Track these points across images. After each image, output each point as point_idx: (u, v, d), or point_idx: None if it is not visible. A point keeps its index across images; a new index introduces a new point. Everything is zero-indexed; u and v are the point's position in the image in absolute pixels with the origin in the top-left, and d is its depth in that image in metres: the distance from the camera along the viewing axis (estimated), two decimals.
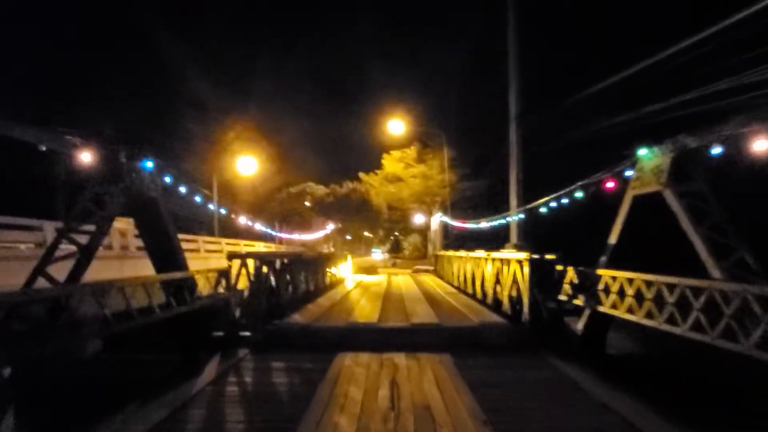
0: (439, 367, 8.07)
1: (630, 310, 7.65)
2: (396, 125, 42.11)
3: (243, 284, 11.16)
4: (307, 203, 45.06)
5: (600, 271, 8.63)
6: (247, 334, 9.90)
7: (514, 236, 20.69)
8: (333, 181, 45.82)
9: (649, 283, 7.22)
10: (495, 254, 13.25)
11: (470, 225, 25.94)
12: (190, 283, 8.52)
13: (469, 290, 17.40)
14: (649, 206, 8.02)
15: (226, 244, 20.76)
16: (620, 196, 8.91)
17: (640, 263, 7.71)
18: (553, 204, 13.58)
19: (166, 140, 43.69)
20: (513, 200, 19.81)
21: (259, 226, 29.11)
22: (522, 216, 18.91)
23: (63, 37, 39.84)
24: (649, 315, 7.30)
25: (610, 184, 9.57)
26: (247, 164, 43.95)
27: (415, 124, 42.04)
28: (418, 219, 43.81)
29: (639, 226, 8.22)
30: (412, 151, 44.60)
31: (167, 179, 9.14)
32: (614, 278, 8.06)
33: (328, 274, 21.02)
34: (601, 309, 8.18)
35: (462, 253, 19.52)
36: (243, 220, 26.43)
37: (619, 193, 9.07)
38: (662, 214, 7.70)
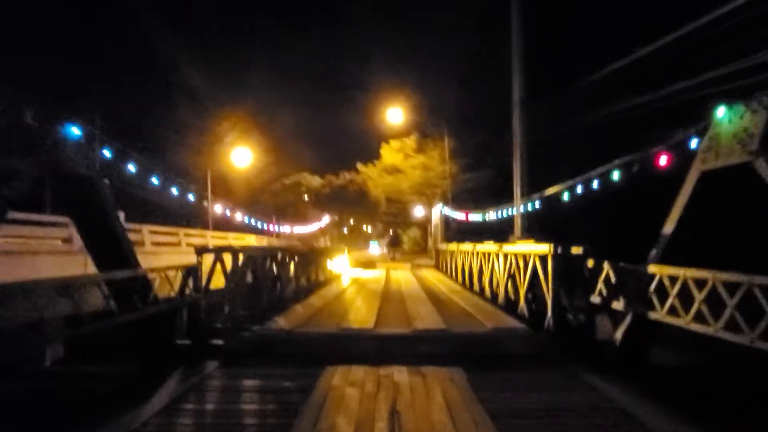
0: (450, 387, 6.50)
1: (699, 319, 6.05)
2: (395, 114, 40.41)
3: (221, 283, 9.60)
4: (306, 197, 43.24)
5: (654, 268, 6.99)
6: (220, 342, 8.33)
7: (518, 228, 19.51)
8: (329, 172, 44.21)
9: (731, 285, 5.60)
10: (509, 247, 11.67)
11: (475, 216, 24.35)
12: (140, 284, 6.97)
13: (476, 288, 15.84)
14: (723, 185, 6.42)
15: (212, 237, 19.20)
16: (674, 176, 7.31)
17: (708, 258, 6.12)
18: (579, 189, 11.92)
19: (160, 131, 42.18)
20: (517, 190, 18.91)
21: (249, 219, 27.54)
22: (535, 206, 17.38)
23: (52, 28, 38.46)
24: (732, 327, 5.67)
25: (662, 160, 8.00)
26: (242, 156, 42.36)
27: (414, 113, 40.36)
28: (418, 212, 42.17)
29: (708, 210, 6.62)
30: (411, 141, 42.95)
31: (106, 153, 7.53)
32: (673, 277, 6.47)
33: (323, 269, 19.46)
34: (654, 316, 6.62)
35: (467, 246, 17.94)
36: (237, 216, 24.92)
37: (675, 171, 7.49)
38: (745, 194, 6.12)
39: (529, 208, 18.08)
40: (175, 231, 17.38)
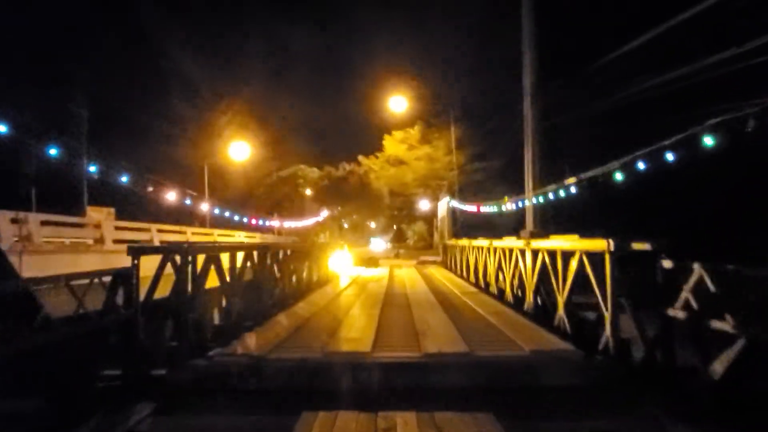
0: None
1: None
2: (398, 102, 38.18)
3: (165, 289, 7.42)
4: (303, 190, 40.75)
5: None
6: (161, 372, 6.16)
7: (530, 222, 17.47)
8: (328, 164, 41.71)
9: None
10: (541, 243, 9.44)
11: (489, 208, 22.09)
12: (18, 302, 4.80)
13: (493, 289, 13.63)
14: None
15: (193, 234, 17.05)
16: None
17: None
18: (640, 165, 9.64)
19: (155, 123, 40.10)
20: (529, 181, 16.58)
21: (240, 217, 25.39)
22: (566, 192, 15.13)
23: (46, 17, 36.87)
24: None
25: None
26: (239, 149, 40.27)
27: (419, 101, 38.10)
28: (423, 205, 39.91)
29: None
30: (415, 132, 40.69)
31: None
32: None
33: (318, 268, 17.29)
34: None
35: (482, 242, 15.72)
36: (226, 213, 22.79)
37: None
38: None
39: (550, 196, 15.86)
40: (146, 227, 15.27)
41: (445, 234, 31.69)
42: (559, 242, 8.53)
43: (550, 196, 19.54)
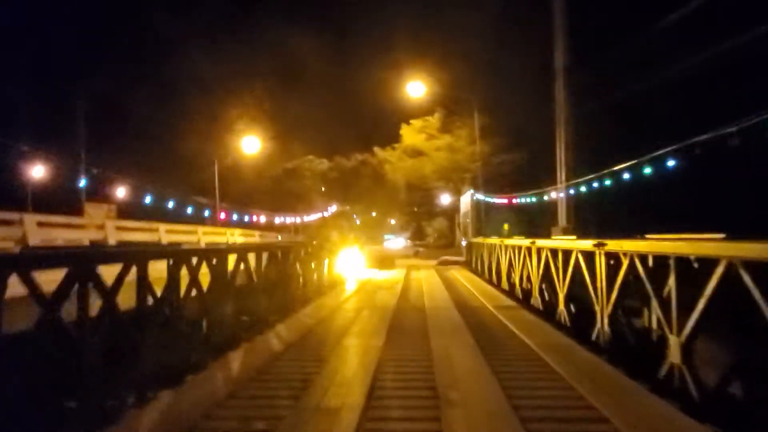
0: None
1: None
2: (416, 88, 34.89)
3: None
4: (310, 183, 37.42)
5: None
6: None
7: (563, 216, 15.40)
8: (339, 155, 38.26)
9: None
10: (626, 245, 6.20)
11: (524, 198, 18.82)
12: None
13: (536, 302, 10.44)
14: None
15: (167, 232, 14.25)
16: None
17: None
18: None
19: (153, 114, 37.79)
20: (561, 172, 15.38)
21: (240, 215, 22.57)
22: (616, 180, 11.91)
23: (56, 14, 35.66)
24: None
25: None
26: (250, 143, 37.56)
27: (439, 87, 34.73)
28: (444, 200, 36.57)
29: None
30: (435, 120, 37.36)
31: None
32: None
33: (318, 273, 14.29)
34: None
35: (520, 241, 12.52)
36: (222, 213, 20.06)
37: None
38: None
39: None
40: (153, 227, 13.39)
41: (469, 231, 28.44)
42: (671, 243, 5.30)
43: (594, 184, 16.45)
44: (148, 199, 23.54)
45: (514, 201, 20.36)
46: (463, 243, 32.19)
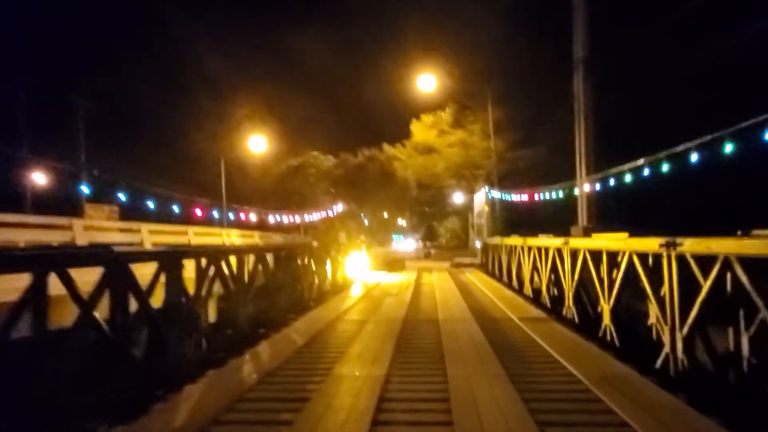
0: None
1: None
2: (427, 81, 33.23)
3: None
4: (315, 180, 35.41)
5: None
6: None
7: (583, 215, 14.22)
8: (345, 150, 36.37)
9: None
10: (717, 245, 4.55)
11: (546, 194, 17.12)
12: None
13: (570, 314, 8.80)
14: None
15: (150, 233, 12.78)
16: None
17: None
18: None
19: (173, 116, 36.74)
20: (581, 167, 14.23)
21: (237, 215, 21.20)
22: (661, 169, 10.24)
23: (67, 13, 35.13)
24: None
25: None
26: (257, 142, 36.20)
27: (450, 80, 33.02)
28: (457, 198, 34.80)
29: None
30: (447, 115, 35.67)
31: None
32: None
33: (320, 278, 12.78)
34: None
35: (548, 241, 10.89)
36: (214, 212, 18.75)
37: None
38: None
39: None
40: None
41: (484, 231, 26.75)
42: None
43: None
44: (149, 201, 22.43)
45: (533, 198, 18.61)
46: (476, 244, 30.50)
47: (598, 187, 12.21)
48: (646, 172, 16.99)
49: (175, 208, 23.48)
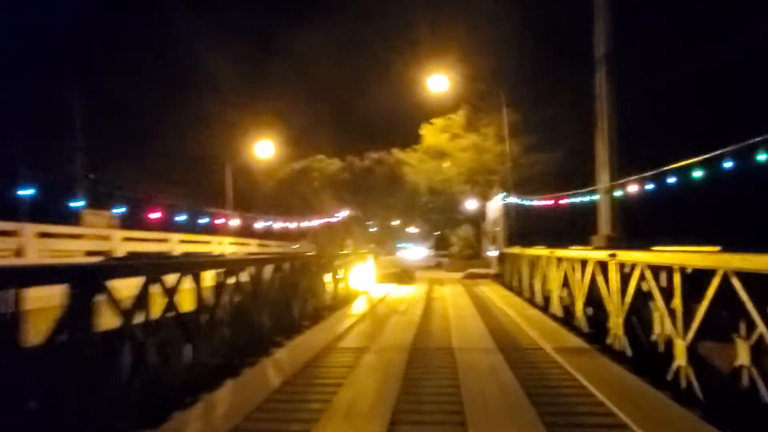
0: None
1: None
2: (438, 82, 31.57)
3: None
4: (319, 184, 33.43)
5: None
6: None
7: (605, 223, 13.04)
8: (351, 153, 34.45)
9: None
10: None
11: (571, 199, 15.37)
12: None
13: (619, 344, 7.02)
14: None
15: (125, 240, 11.26)
16: None
17: None
18: None
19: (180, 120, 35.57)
20: (602, 173, 13.21)
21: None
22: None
23: (73, 15, 34.40)
24: None
25: None
26: (263, 147, 34.80)
27: (462, 80, 31.30)
28: (470, 205, 32.97)
29: None
30: (459, 117, 33.93)
31: None
32: None
33: (317, 295, 11.11)
34: None
35: (591, 252, 9.15)
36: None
37: None
38: None
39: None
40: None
41: (500, 239, 24.96)
42: None
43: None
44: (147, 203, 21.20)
45: (558, 203, 16.85)
46: (489, 253, 28.70)
47: (646, 187, 10.46)
48: (676, 178, 15.27)
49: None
